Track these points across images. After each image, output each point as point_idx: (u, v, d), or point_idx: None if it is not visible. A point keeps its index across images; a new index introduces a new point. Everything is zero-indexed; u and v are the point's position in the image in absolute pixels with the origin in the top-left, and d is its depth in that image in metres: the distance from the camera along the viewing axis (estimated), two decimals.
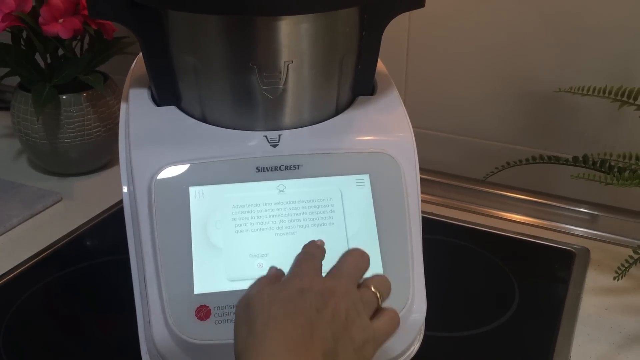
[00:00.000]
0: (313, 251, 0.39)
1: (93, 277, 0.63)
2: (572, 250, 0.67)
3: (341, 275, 0.37)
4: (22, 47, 0.76)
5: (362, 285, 0.38)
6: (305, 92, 0.46)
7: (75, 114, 0.76)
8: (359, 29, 0.47)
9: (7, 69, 0.76)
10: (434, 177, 0.77)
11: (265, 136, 0.46)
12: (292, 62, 0.44)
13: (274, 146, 0.46)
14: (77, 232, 0.70)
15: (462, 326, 0.56)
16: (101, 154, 0.81)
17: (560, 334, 0.56)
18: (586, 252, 0.67)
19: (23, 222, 0.71)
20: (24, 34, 0.75)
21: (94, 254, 0.67)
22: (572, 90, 0.61)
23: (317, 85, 0.46)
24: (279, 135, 0.46)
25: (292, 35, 0.43)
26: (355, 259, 0.38)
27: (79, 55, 0.76)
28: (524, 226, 0.72)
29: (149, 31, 0.46)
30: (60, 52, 0.76)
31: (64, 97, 0.75)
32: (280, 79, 0.45)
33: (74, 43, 0.76)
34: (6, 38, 0.76)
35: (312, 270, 0.37)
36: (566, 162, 0.58)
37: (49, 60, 0.75)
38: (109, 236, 0.71)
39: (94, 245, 0.70)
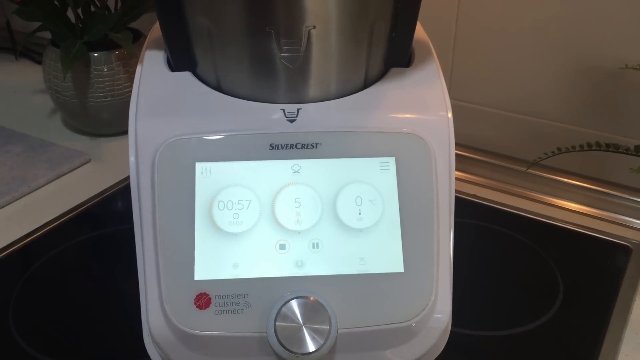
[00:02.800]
0: None
1: (117, 242, 0.61)
2: (628, 246, 0.60)
3: None
4: (54, 2, 0.74)
5: None
6: (328, 62, 0.41)
7: (106, 72, 0.73)
8: None
9: (39, 23, 0.74)
10: (479, 155, 0.72)
11: (283, 110, 0.42)
12: (314, 27, 0.39)
13: (291, 121, 0.41)
14: (103, 195, 0.68)
15: (495, 324, 0.52)
16: None
17: (606, 339, 0.50)
18: None
19: (49, 182, 0.70)
20: None
21: (119, 219, 0.65)
22: None
23: (342, 54, 0.41)
24: (298, 110, 0.42)
25: None
26: None
27: (114, 12, 0.73)
28: (575, 215, 0.65)
29: None
30: (93, 8, 0.73)
31: (95, 54, 0.73)
32: (300, 46, 0.40)
33: None
34: None
35: None
36: (627, 151, 0.51)
37: (81, 16, 0.73)
38: None
39: (119, 209, 0.68)
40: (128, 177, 0.70)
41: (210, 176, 0.40)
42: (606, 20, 0.61)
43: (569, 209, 0.66)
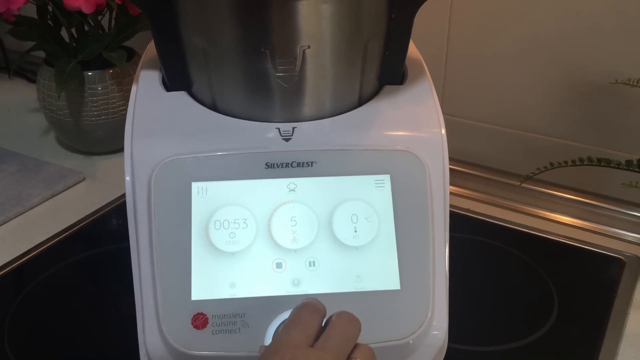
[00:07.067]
0: (307, 315, 0.35)
1: (112, 261, 0.61)
2: (621, 258, 0.61)
3: (329, 348, 0.33)
4: (48, 21, 0.74)
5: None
6: (323, 81, 0.42)
7: (100, 91, 0.73)
8: (388, 10, 0.42)
9: (33, 42, 0.74)
10: (473, 170, 0.72)
11: (278, 128, 0.42)
12: (309, 47, 0.40)
13: (287, 140, 0.42)
14: (98, 214, 0.68)
15: (491, 339, 0.52)
16: None
17: (602, 353, 0.50)
18: (637, 260, 0.61)
19: (43, 202, 0.69)
20: (50, 8, 0.73)
21: (114, 238, 0.65)
22: (631, 83, 0.55)
23: (336, 73, 0.42)
24: (293, 128, 0.42)
25: (309, 17, 0.39)
26: (344, 327, 0.35)
27: (108, 31, 0.74)
28: (569, 228, 0.66)
29: (157, 9, 0.42)
30: (87, 27, 0.73)
31: (90, 73, 0.73)
32: (295, 65, 0.40)
33: (100, 17, 0.73)
34: (33, 12, 0.74)
35: (301, 338, 0.34)
36: (618, 165, 0.52)
37: (75, 36, 0.73)
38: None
39: (114, 228, 0.68)
40: (123, 196, 0.70)
41: (206, 196, 0.40)
42: (596, 36, 0.61)
43: (562, 223, 0.67)
